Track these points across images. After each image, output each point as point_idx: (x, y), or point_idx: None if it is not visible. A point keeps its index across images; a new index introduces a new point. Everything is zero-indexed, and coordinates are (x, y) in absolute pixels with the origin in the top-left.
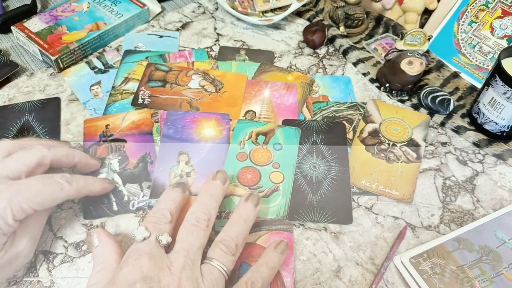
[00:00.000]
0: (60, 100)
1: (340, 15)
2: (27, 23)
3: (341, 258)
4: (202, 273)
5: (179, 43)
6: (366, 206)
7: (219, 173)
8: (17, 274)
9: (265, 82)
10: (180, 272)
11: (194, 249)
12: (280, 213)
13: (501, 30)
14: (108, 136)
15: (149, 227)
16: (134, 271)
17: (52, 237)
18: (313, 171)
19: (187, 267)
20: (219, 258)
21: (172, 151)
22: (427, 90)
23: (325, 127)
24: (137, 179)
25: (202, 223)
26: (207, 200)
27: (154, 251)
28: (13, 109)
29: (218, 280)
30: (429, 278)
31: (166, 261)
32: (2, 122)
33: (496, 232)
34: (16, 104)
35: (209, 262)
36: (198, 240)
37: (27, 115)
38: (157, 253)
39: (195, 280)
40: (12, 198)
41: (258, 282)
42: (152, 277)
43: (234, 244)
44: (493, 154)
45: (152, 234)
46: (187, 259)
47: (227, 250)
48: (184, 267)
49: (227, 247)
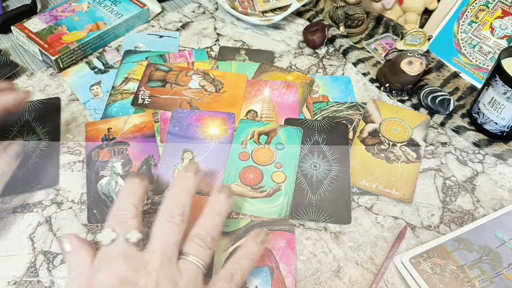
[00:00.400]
0: (60, 100)
1: (340, 15)
2: (27, 23)
3: (341, 258)
4: (179, 269)
5: (179, 43)
6: (366, 206)
7: (191, 165)
8: (16, 274)
9: (264, 81)
10: (157, 271)
11: (170, 246)
12: (282, 213)
13: (501, 30)
14: (110, 139)
15: (115, 227)
16: (109, 276)
17: (52, 237)
18: (313, 171)
19: (164, 265)
20: (195, 252)
21: (177, 148)
22: (427, 90)
23: (327, 127)
24: None
25: (176, 218)
26: (179, 194)
27: (127, 252)
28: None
29: (196, 275)
30: (429, 278)
31: (142, 260)
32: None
33: (496, 232)
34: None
35: (186, 258)
36: (174, 236)
37: (27, 115)
38: (130, 253)
39: (173, 277)
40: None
41: (237, 274)
42: (129, 279)
43: (209, 238)
44: (493, 154)
45: (120, 233)
46: (164, 256)
47: (203, 244)
48: (161, 266)
49: (203, 241)
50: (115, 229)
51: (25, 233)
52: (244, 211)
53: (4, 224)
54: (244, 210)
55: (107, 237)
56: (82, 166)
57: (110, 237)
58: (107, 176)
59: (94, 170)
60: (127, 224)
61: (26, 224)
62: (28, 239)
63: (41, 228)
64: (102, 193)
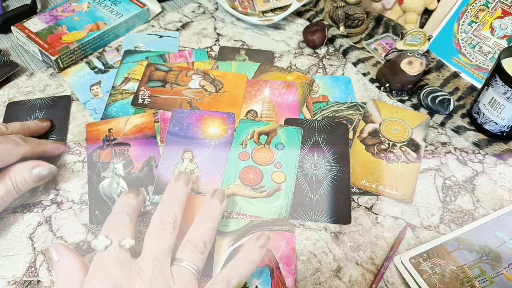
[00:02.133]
0: (71, 98)
1: (340, 15)
2: (27, 23)
3: (341, 258)
4: (172, 275)
5: (179, 43)
6: (366, 206)
7: (181, 175)
8: (16, 274)
9: (264, 81)
10: (150, 276)
11: (162, 252)
12: (282, 213)
13: (501, 30)
14: (111, 140)
15: (109, 234)
16: (103, 281)
17: (52, 237)
18: (313, 171)
19: (157, 271)
20: (188, 258)
21: (177, 148)
22: (427, 90)
23: (327, 127)
24: (142, 183)
25: (168, 225)
26: (171, 202)
27: (120, 258)
28: (25, 105)
29: (189, 281)
30: (429, 278)
31: (135, 266)
32: (13, 118)
33: (496, 232)
34: (28, 100)
35: (179, 263)
36: (166, 242)
37: (37, 112)
38: (123, 259)
39: (166, 283)
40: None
41: (234, 279)
42: (122, 285)
43: (202, 243)
44: (493, 154)
45: (114, 240)
46: (156, 262)
47: (196, 249)
48: (154, 271)
49: (196, 246)
50: (109, 235)
51: (25, 233)
52: (244, 211)
53: (4, 224)
54: (244, 210)
55: (101, 244)
56: (82, 166)
57: (104, 244)
58: (108, 177)
59: (95, 172)
60: (121, 231)
61: (26, 224)
62: (28, 239)
63: (41, 228)
64: (103, 195)
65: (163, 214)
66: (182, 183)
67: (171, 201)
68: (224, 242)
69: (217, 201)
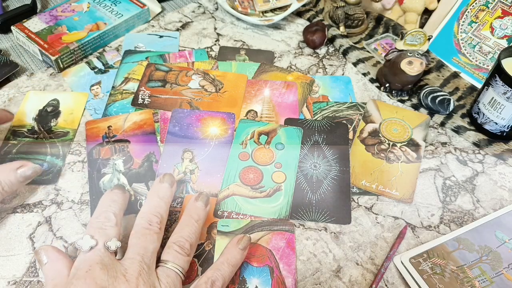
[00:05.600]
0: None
1: (340, 15)
2: (27, 23)
3: (341, 258)
4: (158, 276)
5: (179, 43)
6: (366, 206)
7: (166, 176)
8: (16, 274)
9: (264, 81)
10: (137, 278)
11: (148, 253)
12: (282, 213)
13: (501, 30)
14: (111, 137)
15: (95, 234)
16: (87, 284)
17: (52, 237)
18: (313, 171)
19: (143, 273)
20: (174, 259)
21: (177, 148)
22: (427, 90)
23: (327, 127)
24: (143, 179)
25: (154, 226)
26: (157, 202)
27: (105, 259)
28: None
29: (175, 282)
30: (429, 278)
31: (120, 268)
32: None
33: (496, 232)
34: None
35: (165, 265)
36: (152, 243)
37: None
38: (108, 261)
39: (152, 284)
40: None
41: (218, 281)
42: (107, 287)
43: (188, 245)
44: (493, 154)
45: (99, 241)
46: (143, 264)
47: (182, 251)
48: (140, 273)
49: (181, 248)
50: (95, 236)
51: (25, 233)
52: (244, 211)
53: (4, 224)
54: (244, 210)
55: (86, 244)
56: (82, 166)
57: (89, 244)
58: (109, 173)
59: (95, 168)
60: (107, 232)
61: (26, 224)
62: (28, 239)
63: (41, 228)
64: (104, 191)
65: (150, 214)
66: (167, 183)
67: (157, 201)
68: (224, 242)
69: (202, 203)
